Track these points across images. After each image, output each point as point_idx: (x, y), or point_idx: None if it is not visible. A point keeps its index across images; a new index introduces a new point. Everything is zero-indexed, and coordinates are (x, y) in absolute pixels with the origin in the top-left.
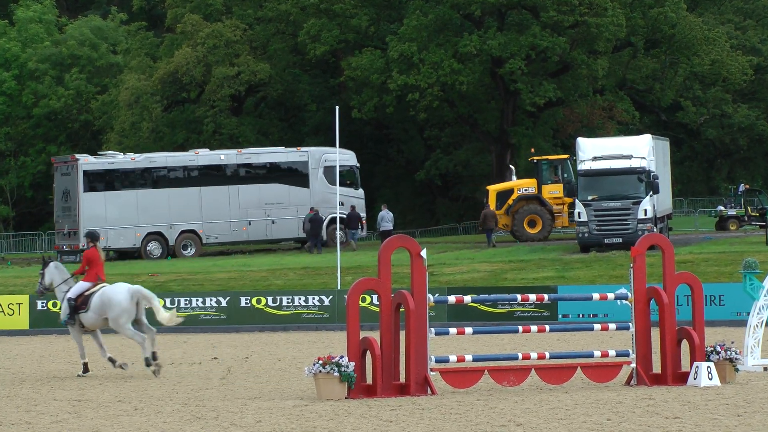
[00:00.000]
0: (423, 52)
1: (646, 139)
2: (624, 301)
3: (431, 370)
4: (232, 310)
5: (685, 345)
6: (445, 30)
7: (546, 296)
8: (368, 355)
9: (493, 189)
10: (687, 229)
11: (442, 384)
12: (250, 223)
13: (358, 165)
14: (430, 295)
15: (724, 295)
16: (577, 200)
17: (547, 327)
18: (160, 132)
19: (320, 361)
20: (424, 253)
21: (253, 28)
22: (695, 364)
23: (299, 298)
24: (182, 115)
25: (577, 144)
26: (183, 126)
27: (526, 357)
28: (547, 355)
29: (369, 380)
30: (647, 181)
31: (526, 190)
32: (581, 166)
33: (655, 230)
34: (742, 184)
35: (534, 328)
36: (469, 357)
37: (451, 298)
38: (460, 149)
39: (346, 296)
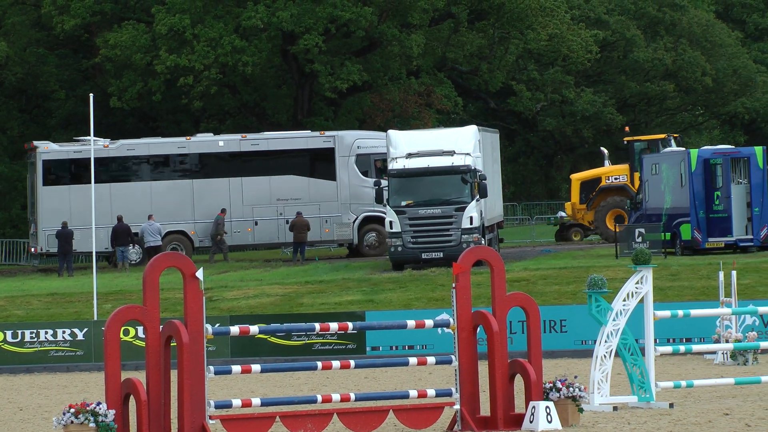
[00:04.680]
0: (197, 26)
1: (471, 131)
2: (446, 329)
3: (210, 417)
4: None
5: (519, 381)
6: None
7: (351, 325)
8: (132, 400)
9: (577, 178)
10: (521, 240)
11: None
12: (256, 224)
13: None
14: (208, 326)
15: (566, 319)
16: (388, 206)
17: (353, 362)
18: None
19: (72, 410)
20: (200, 273)
21: None
22: (531, 403)
23: (46, 332)
24: None
25: (388, 137)
26: None
27: (327, 399)
28: (353, 396)
29: (133, 431)
30: (473, 182)
31: (615, 178)
32: (393, 165)
33: (483, 242)
34: None
35: (336, 363)
36: (256, 401)
37: (235, 329)
38: None
39: (104, 329)
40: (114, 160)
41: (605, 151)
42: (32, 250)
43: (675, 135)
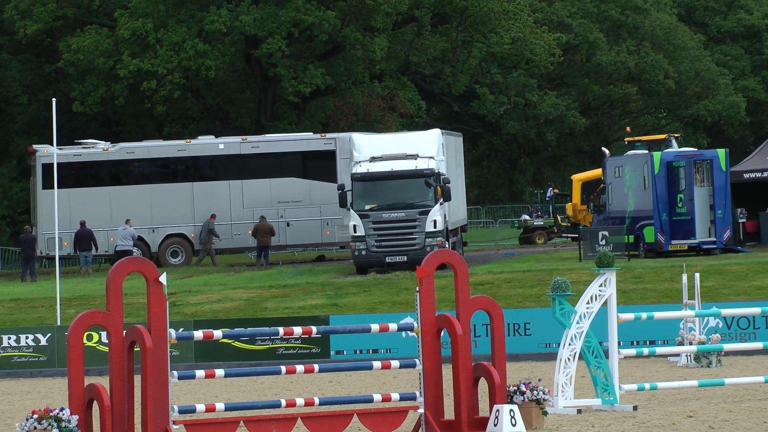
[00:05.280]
0: (160, 31)
1: (435, 134)
2: (410, 333)
3: (174, 422)
4: None
5: (483, 384)
6: (188, 3)
7: (315, 329)
8: (95, 405)
9: (578, 179)
10: (485, 244)
11: None
12: None
13: None
14: (171, 330)
15: (530, 322)
16: (351, 210)
17: (317, 366)
18: None
19: (35, 416)
20: (163, 278)
21: None
22: (495, 407)
23: (9, 338)
24: None
25: (351, 141)
26: None
27: (291, 404)
28: (317, 400)
29: None
30: (437, 185)
31: None
32: (356, 169)
33: (447, 245)
34: (551, 189)
35: (300, 368)
36: (220, 405)
37: (198, 334)
38: None
39: (67, 334)
40: (113, 163)
41: (607, 151)
42: (39, 253)
43: (676, 135)
